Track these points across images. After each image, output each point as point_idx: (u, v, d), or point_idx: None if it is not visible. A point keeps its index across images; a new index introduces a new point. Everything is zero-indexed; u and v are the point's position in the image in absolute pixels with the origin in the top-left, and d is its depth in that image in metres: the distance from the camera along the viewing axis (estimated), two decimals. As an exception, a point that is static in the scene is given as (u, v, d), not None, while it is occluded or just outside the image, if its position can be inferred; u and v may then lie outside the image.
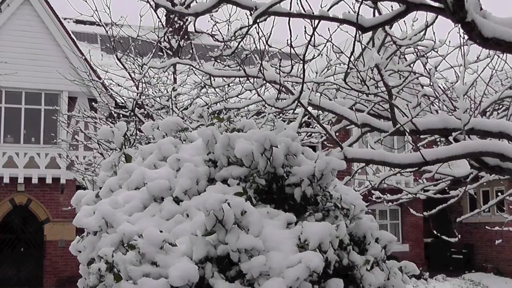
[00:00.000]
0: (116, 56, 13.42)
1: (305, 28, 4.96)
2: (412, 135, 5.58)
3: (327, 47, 6.89)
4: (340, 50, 6.52)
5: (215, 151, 4.74)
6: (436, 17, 5.41)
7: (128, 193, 4.80)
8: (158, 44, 13.72)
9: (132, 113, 12.60)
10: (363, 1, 4.38)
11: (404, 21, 6.00)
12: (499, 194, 20.43)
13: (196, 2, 4.51)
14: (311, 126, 8.70)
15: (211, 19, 8.73)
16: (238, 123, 5.36)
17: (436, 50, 6.31)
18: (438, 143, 10.43)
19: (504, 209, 17.24)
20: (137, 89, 12.68)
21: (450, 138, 5.66)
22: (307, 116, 6.53)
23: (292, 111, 7.52)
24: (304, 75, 4.88)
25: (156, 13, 12.37)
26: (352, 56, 5.05)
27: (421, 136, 6.82)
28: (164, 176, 4.71)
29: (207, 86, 10.51)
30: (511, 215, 9.39)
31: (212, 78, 7.69)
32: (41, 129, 21.50)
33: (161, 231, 3.91)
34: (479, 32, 3.70)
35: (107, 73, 14.40)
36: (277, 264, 3.74)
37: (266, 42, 5.22)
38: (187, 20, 14.47)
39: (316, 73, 7.72)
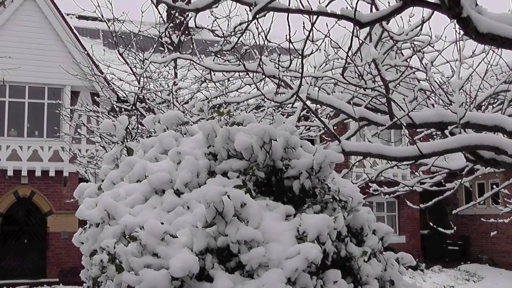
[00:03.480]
0: (118, 51, 13.47)
1: (303, 23, 4.99)
2: (409, 129, 5.60)
3: (325, 42, 6.92)
4: (338, 45, 6.55)
5: (215, 144, 4.77)
6: (432, 13, 5.45)
7: (129, 185, 4.84)
8: (159, 39, 13.75)
9: (133, 107, 12.67)
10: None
11: (401, 17, 6.02)
12: (494, 186, 20.40)
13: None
14: (309, 120, 8.73)
15: (211, 14, 8.77)
16: (237, 117, 5.37)
17: (432, 45, 6.32)
18: (434, 136, 10.46)
19: (499, 202, 17.25)
20: (139, 83, 12.74)
21: (446, 132, 5.70)
22: (305, 110, 6.57)
23: (291, 105, 7.56)
24: (302, 70, 4.88)
25: (157, 9, 12.40)
26: (350, 51, 5.09)
27: (418, 130, 6.84)
28: (165, 169, 4.75)
29: (207, 81, 10.54)
30: (506, 207, 9.42)
31: (212, 73, 7.73)
32: (44, 123, 21.60)
33: (162, 223, 3.93)
34: (475, 28, 3.71)
35: (109, 68, 14.46)
36: (276, 256, 3.76)
37: (265, 37, 5.26)
38: (187, 15, 14.48)
39: (315, 67, 7.73)
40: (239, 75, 9.06)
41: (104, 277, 4.17)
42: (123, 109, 14.78)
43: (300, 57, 4.97)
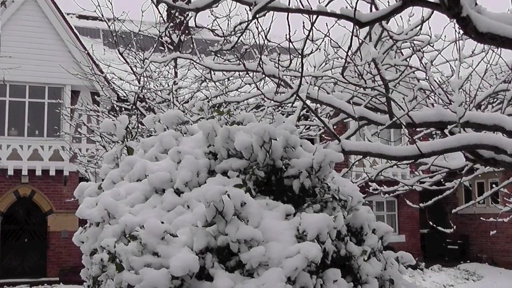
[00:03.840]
0: (118, 50, 13.49)
1: (303, 23, 4.99)
2: (408, 128, 5.61)
3: (325, 41, 6.92)
4: (338, 45, 6.55)
5: (215, 143, 4.77)
6: (432, 12, 5.45)
7: (130, 185, 4.84)
8: (160, 38, 13.77)
9: (134, 107, 12.68)
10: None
11: (401, 16, 6.04)
12: (494, 185, 20.43)
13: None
14: (309, 119, 8.73)
15: (211, 14, 8.78)
16: (237, 116, 5.36)
17: (432, 44, 6.31)
18: (434, 136, 10.45)
19: (499, 201, 17.27)
20: (139, 83, 12.76)
21: (446, 131, 5.70)
22: (305, 110, 6.57)
23: (290, 104, 7.55)
24: (302, 69, 4.89)
25: (157, 8, 12.39)
26: (350, 51, 5.10)
27: (417, 129, 6.85)
28: (165, 168, 4.75)
29: (207, 80, 10.56)
30: (505, 206, 9.43)
31: (212, 72, 7.74)
32: (44, 122, 21.65)
33: (162, 222, 3.93)
34: (474, 27, 3.72)
35: (109, 67, 14.49)
36: (276, 255, 3.76)
37: (265, 37, 5.27)
38: (187, 15, 14.51)
39: (314, 67, 7.73)
40: (239, 74, 9.06)
41: (105, 276, 4.18)
42: (123, 109, 14.79)
43: (300, 56, 4.98)
